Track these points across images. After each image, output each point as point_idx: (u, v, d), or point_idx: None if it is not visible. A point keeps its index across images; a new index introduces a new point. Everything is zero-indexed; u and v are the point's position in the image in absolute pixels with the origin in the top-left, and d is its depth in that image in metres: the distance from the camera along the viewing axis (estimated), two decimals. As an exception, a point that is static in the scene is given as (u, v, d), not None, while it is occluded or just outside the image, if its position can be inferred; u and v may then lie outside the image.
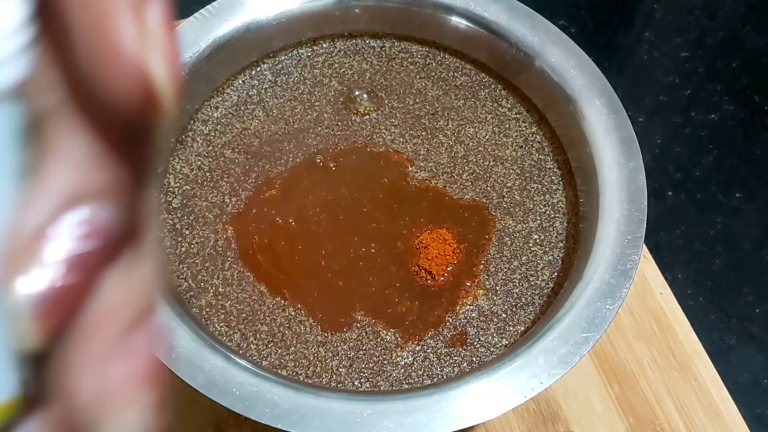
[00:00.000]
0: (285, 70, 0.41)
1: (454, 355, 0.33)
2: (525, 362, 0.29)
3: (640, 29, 0.62)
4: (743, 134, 0.57)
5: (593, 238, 0.32)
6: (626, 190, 0.33)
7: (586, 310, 0.30)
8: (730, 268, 0.50)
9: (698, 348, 0.43)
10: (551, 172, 0.38)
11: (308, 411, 0.28)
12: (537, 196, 0.37)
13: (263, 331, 0.33)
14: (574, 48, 0.37)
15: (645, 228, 0.32)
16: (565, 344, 0.29)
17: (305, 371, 0.32)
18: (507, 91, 0.40)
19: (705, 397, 0.41)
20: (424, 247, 0.35)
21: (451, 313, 0.34)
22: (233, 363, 0.29)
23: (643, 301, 0.44)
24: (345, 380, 0.32)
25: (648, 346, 0.42)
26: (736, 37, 0.62)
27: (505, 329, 0.34)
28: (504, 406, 0.28)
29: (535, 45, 0.38)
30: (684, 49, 0.61)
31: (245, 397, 0.28)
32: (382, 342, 0.33)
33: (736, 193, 0.53)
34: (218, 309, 0.34)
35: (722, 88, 0.59)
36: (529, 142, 0.39)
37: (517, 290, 0.35)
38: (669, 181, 0.54)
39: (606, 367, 0.42)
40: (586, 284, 0.31)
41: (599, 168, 0.34)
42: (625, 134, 0.35)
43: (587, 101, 0.36)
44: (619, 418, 0.40)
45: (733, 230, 0.52)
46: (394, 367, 0.33)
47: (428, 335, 0.33)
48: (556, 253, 0.36)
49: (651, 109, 0.57)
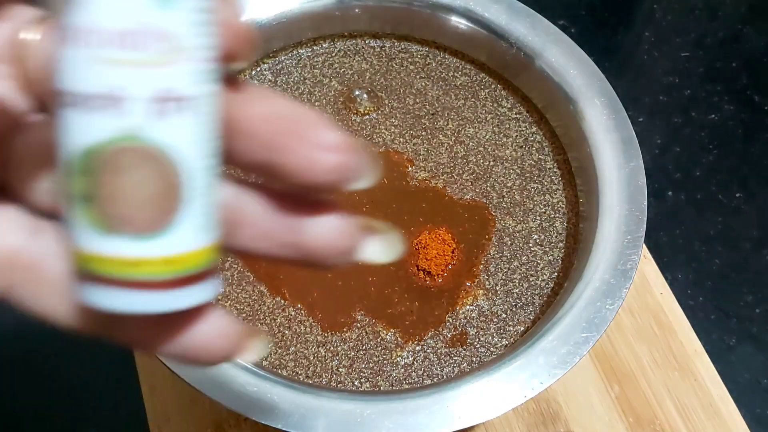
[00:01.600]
0: (285, 70, 0.41)
1: (454, 355, 0.33)
2: (525, 362, 0.29)
3: (640, 29, 0.62)
4: (743, 134, 0.57)
5: (593, 238, 0.32)
6: (626, 190, 0.33)
7: (586, 310, 0.30)
8: (730, 268, 0.50)
9: (698, 348, 0.43)
10: (551, 172, 0.38)
11: (308, 411, 0.28)
12: (537, 196, 0.37)
13: (263, 331, 0.33)
14: (574, 48, 0.37)
15: (645, 228, 0.32)
16: (565, 344, 0.29)
17: (305, 371, 0.32)
18: (507, 91, 0.40)
19: (705, 397, 0.41)
20: (423, 247, 0.35)
21: (451, 313, 0.34)
22: (233, 363, 0.29)
23: (643, 301, 0.44)
24: (345, 380, 0.32)
25: (648, 346, 0.42)
26: (737, 38, 0.62)
27: (505, 329, 0.34)
28: (504, 406, 0.28)
29: (535, 45, 0.38)
30: (684, 49, 0.61)
31: (245, 397, 0.28)
32: (382, 342, 0.33)
33: (736, 193, 0.53)
34: (218, 309, 0.34)
35: (722, 88, 0.59)
36: (529, 142, 0.39)
37: (517, 290, 0.35)
38: (669, 181, 0.54)
39: (606, 367, 0.42)
40: (586, 284, 0.31)
41: (599, 168, 0.34)
42: (625, 134, 0.35)
43: (587, 101, 0.36)
44: (619, 419, 0.40)
45: (733, 230, 0.52)
46: (394, 367, 0.33)
47: (428, 335, 0.33)
48: (556, 253, 0.36)
49: (651, 109, 0.57)
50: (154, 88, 0.12)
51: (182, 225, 0.13)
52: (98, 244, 0.13)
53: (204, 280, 0.14)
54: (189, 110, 0.12)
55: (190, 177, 0.13)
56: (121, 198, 0.12)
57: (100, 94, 0.12)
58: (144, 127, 0.12)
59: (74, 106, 0.12)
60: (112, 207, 0.12)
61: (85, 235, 0.13)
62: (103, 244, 0.13)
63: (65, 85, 0.12)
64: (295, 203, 0.15)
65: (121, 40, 0.12)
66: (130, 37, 0.12)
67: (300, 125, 0.14)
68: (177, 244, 0.13)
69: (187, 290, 0.13)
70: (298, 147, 0.13)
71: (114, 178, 0.12)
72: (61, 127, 0.12)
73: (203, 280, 0.14)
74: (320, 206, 0.15)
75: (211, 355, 0.15)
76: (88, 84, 0.12)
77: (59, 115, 0.13)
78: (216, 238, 0.14)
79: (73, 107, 0.12)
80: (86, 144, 0.12)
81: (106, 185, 0.12)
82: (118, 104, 0.12)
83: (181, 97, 0.12)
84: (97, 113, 0.12)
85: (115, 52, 0.12)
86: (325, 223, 0.14)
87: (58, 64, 0.12)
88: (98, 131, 0.12)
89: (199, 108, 0.13)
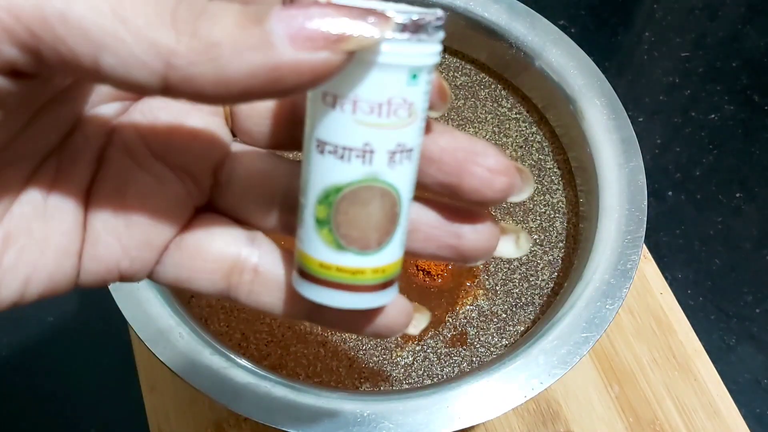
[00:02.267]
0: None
1: (454, 355, 0.33)
2: (525, 362, 0.29)
3: (640, 29, 0.62)
4: (743, 134, 0.57)
5: (593, 238, 0.32)
6: (626, 190, 0.33)
7: (586, 310, 0.30)
8: (730, 268, 0.50)
9: (698, 348, 0.42)
10: (551, 172, 0.38)
11: (308, 411, 0.28)
12: (537, 196, 0.37)
13: (263, 331, 0.33)
14: (574, 48, 0.37)
15: (645, 228, 0.32)
16: (565, 344, 0.29)
17: (305, 371, 0.32)
18: (507, 91, 0.40)
19: (705, 397, 0.41)
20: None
21: (451, 313, 0.34)
22: (233, 363, 0.29)
23: (643, 301, 0.44)
24: (345, 380, 0.32)
25: (648, 346, 0.42)
26: (737, 37, 0.62)
27: (505, 329, 0.34)
28: (504, 407, 0.28)
29: (536, 45, 0.38)
30: (684, 49, 0.61)
31: (245, 397, 0.28)
32: (382, 342, 0.33)
33: (736, 193, 0.53)
34: (219, 309, 0.34)
35: (722, 88, 0.59)
36: (529, 142, 0.39)
37: (517, 290, 0.35)
38: (669, 181, 0.54)
39: (606, 367, 0.41)
40: (586, 284, 0.31)
41: (599, 168, 0.34)
42: (625, 134, 0.35)
43: (587, 101, 0.36)
44: (619, 418, 0.40)
45: (733, 230, 0.52)
46: (394, 367, 0.33)
47: (428, 335, 0.33)
48: (556, 253, 0.36)
49: (651, 109, 0.57)
50: (394, 144, 0.15)
51: (392, 243, 0.17)
52: (330, 257, 0.16)
53: (394, 284, 0.17)
54: (410, 158, 0.16)
55: (402, 207, 0.16)
56: (355, 224, 0.16)
57: (355, 147, 0.15)
58: (382, 172, 0.16)
59: (330, 153, 0.15)
60: (347, 230, 0.16)
61: (320, 248, 0.16)
62: (334, 257, 0.16)
63: (325, 136, 0.15)
64: (456, 213, 0.18)
65: (380, 109, 0.15)
66: (386, 107, 0.15)
67: (476, 155, 0.17)
68: (385, 257, 0.17)
69: (387, 291, 0.17)
70: (476, 172, 0.17)
71: (351, 208, 0.16)
72: (310, 165, 0.16)
73: (394, 284, 0.17)
74: (475, 215, 0.18)
75: (395, 330, 0.19)
76: (347, 139, 0.15)
77: (310, 155, 0.16)
78: (403, 250, 0.17)
79: (329, 154, 0.15)
80: (333, 181, 0.16)
81: (343, 213, 0.16)
82: (368, 156, 0.15)
83: (409, 149, 0.16)
84: (350, 161, 0.15)
85: (374, 118, 0.15)
86: (481, 230, 0.18)
87: (319, 118, 0.15)
88: (348, 174, 0.15)
89: (415, 154, 0.16)
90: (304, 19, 0.13)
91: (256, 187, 0.18)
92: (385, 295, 0.17)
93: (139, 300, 0.30)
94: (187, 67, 0.12)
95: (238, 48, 0.13)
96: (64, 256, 0.16)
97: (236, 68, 0.13)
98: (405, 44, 0.15)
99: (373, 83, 0.15)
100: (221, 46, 0.12)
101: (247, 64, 0.13)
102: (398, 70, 0.15)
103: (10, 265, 0.15)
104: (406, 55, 0.15)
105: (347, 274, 0.16)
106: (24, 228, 0.15)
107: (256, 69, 0.13)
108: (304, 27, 0.13)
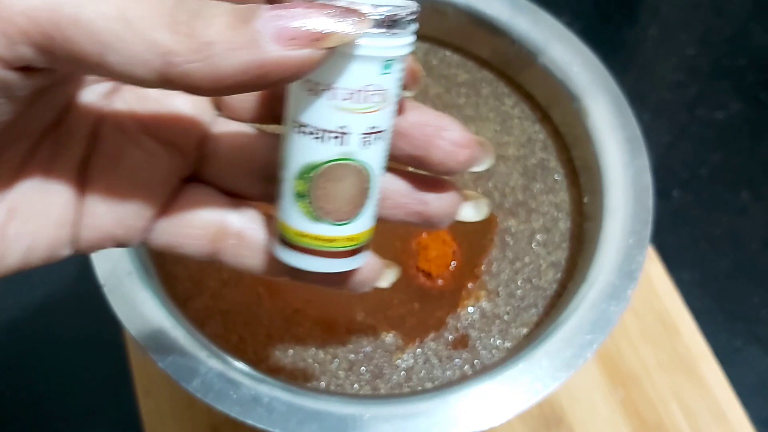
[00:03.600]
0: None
1: (455, 357, 0.33)
2: (528, 365, 0.29)
3: (645, 26, 0.62)
4: (750, 133, 0.56)
5: (598, 239, 0.32)
6: (631, 189, 0.33)
7: (590, 312, 0.30)
8: (737, 269, 0.49)
9: (704, 350, 0.42)
10: (555, 171, 0.37)
11: (306, 415, 0.27)
12: (540, 195, 0.37)
13: (261, 334, 0.33)
14: (578, 45, 0.37)
15: (651, 228, 0.32)
16: (569, 347, 0.29)
17: (304, 374, 0.32)
18: (510, 89, 0.40)
19: (711, 400, 0.41)
20: (423, 248, 0.34)
21: (452, 315, 0.34)
22: (230, 366, 0.28)
23: (648, 303, 0.43)
24: (344, 383, 0.32)
25: (653, 349, 0.42)
26: (743, 34, 0.62)
27: (508, 331, 0.33)
28: (508, 413, 0.28)
29: (539, 41, 0.37)
30: (690, 46, 0.61)
31: (242, 401, 0.27)
32: (382, 344, 0.33)
33: (743, 192, 0.53)
34: (216, 311, 0.33)
35: (729, 85, 0.58)
36: (532, 140, 0.38)
37: (520, 292, 0.34)
38: (675, 181, 0.53)
39: (611, 370, 0.41)
40: (591, 285, 0.31)
41: (604, 167, 0.34)
42: (630, 132, 0.34)
43: (591, 99, 0.36)
44: (624, 422, 0.40)
45: (740, 230, 0.51)
46: (395, 369, 0.32)
47: (429, 337, 0.33)
48: (560, 253, 0.35)
49: (656, 106, 0.57)
50: (368, 126, 0.17)
51: (363, 214, 0.19)
52: (307, 226, 0.18)
53: (366, 249, 0.20)
54: (382, 138, 0.18)
55: (373, 182, 0.18)
56: (330, 197, 0.18)
57: (332, 130, 0.17)
58: (356, 152, 0.17)
59: (310, 135, 0.17)
60: (323, 203, 0.18)
61: (298, 219, 0.18)
62: (311, 227, 0.18)
63: (305, 119, 0.17)
64: (423, 182, 0.20)
65: (355, 96, 0.17)
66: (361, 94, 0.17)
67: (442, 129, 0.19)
68: (358, 227, 0.19)
69: (358, 256, 0.19)
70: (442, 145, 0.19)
71: (327, 184, 0.18)
72: (291, 144, 0.18)
73: (366, 249, 0.20)
74: (439, 184, 0.20)
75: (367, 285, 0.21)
76: (325, 122, 0.17)
77: (291, 136, 0.18)
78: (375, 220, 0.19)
79: (309, 135, 0.17)
80: (311, 159, 0.17)
81: (319, 188, 0.18)
82: (343, 137, 0.17)
83: (381, 130, 0.18)
84: (327, 141, 0.17)
85: (350, 104, 0.17)
86: (444, 197, 0.20)
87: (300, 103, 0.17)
88: (325, 153, 0.17)
89: (387, 135, 0.18)
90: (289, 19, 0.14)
91: (238, 159, 0.20)
92: (357, 259, 0.19)
93: (134, 303, 0.29)
94: (184, 64, 0.14)
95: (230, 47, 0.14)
96: (62, 226, 0.18)
97: (228, 65, 0.14)
98: (380, 38, 0.16)
99: (350, 73, 0.16)
100: (214, 45, 0.14)
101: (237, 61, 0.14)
102: (373, 61, 0.16)
103: (14, 235, 0.17)
104: (380, 48, 0.16)
105: (322, 242, 0.18)
106: (26, 201, 0.17)
107: (246, 66, 0.14)
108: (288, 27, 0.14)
